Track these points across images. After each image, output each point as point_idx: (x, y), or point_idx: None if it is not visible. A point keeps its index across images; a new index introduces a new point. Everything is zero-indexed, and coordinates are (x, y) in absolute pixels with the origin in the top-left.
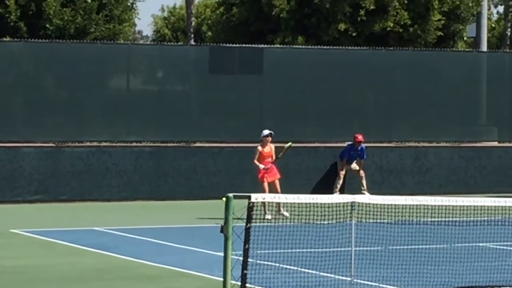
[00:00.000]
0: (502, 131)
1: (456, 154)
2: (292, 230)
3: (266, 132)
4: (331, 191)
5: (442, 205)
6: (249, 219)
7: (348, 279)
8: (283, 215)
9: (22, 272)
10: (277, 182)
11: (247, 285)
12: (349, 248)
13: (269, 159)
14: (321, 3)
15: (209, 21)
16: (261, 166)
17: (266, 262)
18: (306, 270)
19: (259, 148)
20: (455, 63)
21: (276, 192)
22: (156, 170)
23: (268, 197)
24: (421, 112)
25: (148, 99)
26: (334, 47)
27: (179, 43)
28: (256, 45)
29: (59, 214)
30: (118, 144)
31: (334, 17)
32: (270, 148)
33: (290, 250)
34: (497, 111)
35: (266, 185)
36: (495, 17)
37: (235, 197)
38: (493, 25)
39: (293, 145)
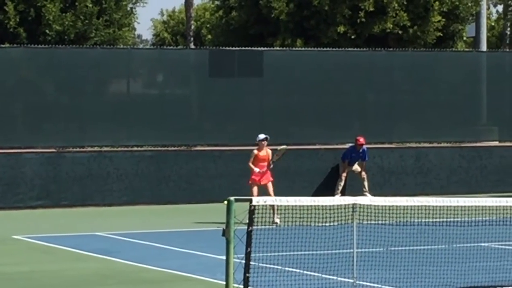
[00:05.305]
0: (502, 131)
1: (457, 154)
2: (294, 232)
3: (261, 136)
4: (332, 193)
5: (443, 206)
6: (250, 222)
7: (351, 281)
8: (275, 223)
9: (25, 278)
10: (270, 185)
11: None
12: (351, 250)
13: (265, 163)
14: (320, 5)
15: (209, 25)
16: (256, 169)
17: (268, 265)
18: (309, 273)
19: (255, 151)
20: (455, 63)
21: (269, 195)
22: (157, 174)
23: (269, 200)
24: (421, 113)
25: (149, 103)
26: (334, 48)
27: (179, 47)
28: (255, 48)
29: (60, 219)
30: (119, 149)
31: (333, 19)
32: (266, 152)
33: (292, 253)
34: (498, 111)
35: (255, 189)
36: (494, 16)
37: (236, 200)
38: (493, 25)
39: (291, 147)
